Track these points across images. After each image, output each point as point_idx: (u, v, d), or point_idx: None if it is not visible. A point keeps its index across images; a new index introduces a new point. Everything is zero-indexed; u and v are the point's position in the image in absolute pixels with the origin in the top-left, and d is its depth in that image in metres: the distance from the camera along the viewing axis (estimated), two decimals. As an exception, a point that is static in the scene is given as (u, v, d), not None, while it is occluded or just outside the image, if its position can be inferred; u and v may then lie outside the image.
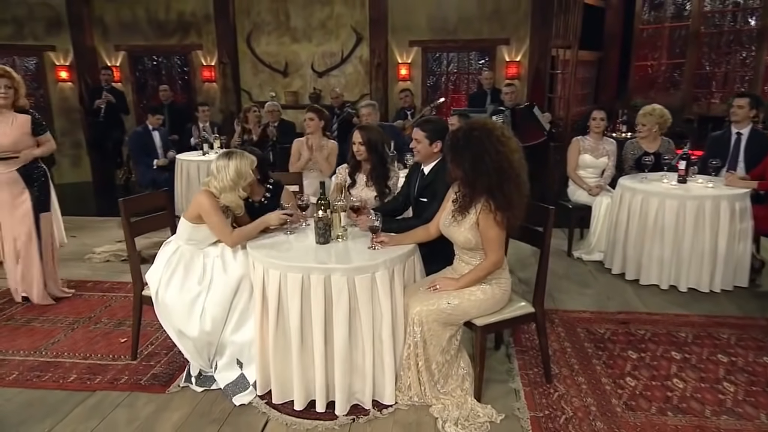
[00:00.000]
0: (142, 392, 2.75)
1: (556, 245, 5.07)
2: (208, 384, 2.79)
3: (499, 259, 2.49)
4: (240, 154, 2.84)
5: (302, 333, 2.48)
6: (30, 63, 8.61)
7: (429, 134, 2.93)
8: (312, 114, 4.63)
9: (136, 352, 3.08)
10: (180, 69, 8.97)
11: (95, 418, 2.55)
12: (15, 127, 3.62)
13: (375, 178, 3.31)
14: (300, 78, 8.42)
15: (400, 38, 8.13)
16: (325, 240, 2.70)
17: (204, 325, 2.67)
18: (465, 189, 2.49)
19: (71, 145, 8.84)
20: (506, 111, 6.10)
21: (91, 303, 3.90)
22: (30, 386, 2.81)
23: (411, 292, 2.60)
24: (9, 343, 3.28)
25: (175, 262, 2.79)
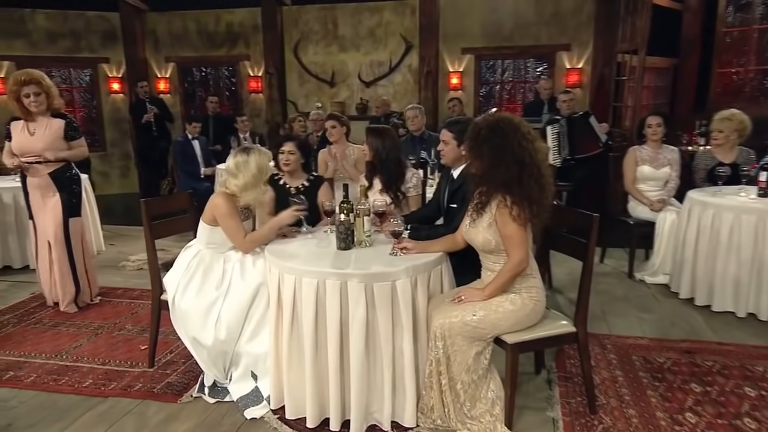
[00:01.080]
0: (154, 400, 2.77)
1: (617, 266, 4.82)
2: (221, 395, 2.78)
3: (521, 258, 2.37)
4: (257, 150, 2.87)
5: (316, 343, 2.42)
6: (85, 75, 9.19)
7: (457, 135, 2.85)
8: (333, 122, 4.65)
9: (153, 360, 3.12)
10: (228, 80, 9.31)
11: (103, 425, 2.58)
12: (48, 131, 3.80)
13: (389, 183, 3.25)
14: (347, 88, 8.53)
15: (452, 45, 8.10)
16: (347, 245, 2.65)
17: (219, 333, 2.66)
18: (482, 185, 2.40)
19: (120, 156, 9.32)
20: (562, 120, 5.90)
21: (119, 309, 4.01)
22: (45, 389, 2.90)
23: (435, 304, 2.49)
24: (33, 346, 3.41)
25: (195, 266, 2.81)
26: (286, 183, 3.45)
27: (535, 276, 2.48)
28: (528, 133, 2.37)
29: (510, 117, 2.44)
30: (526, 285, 2.45)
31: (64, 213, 3.90)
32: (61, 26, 8.73)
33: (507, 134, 2.33)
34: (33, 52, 8.60)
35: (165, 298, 2.91)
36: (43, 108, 3.77)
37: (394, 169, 3.27)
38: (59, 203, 3.88)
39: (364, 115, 8.21)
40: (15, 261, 4.94)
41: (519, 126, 2.37)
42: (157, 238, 3.08)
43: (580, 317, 2.54)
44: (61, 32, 8.74)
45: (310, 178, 3.46)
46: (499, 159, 2.32)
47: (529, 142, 2.35)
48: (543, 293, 2.50)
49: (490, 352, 2.46)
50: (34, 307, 4.06)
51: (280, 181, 3.45)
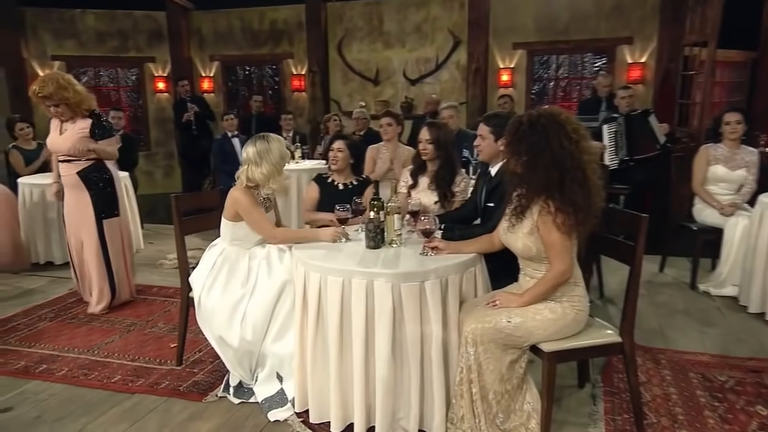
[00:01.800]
0: (179, 398, 2.84)
1: (679, 276, 4.63)
2: (246, 396, 2.82)
3: (565, 269, 2.28)
4: (275, 137, 2.93)
5: (341, 345, 2.42)
6: (132, 74, 9.60)
7: (495, 129, 2.81)
8: (390, 119, 4.66)
9: (181, 358, 3.20)
10: (271, 79, 9.51)
11: (127, 421, 2.66)
12: (74, 130, 3.90)
13: (438, 181, 3.23)
14: (391, 86, 8.56)
15: (503, 41, 8.01)
16: (376, 244, 2.64)
17: (245, 332, 2.71)
18: (521, 187, 2.33)
19: (164, 156, 9.67)
20: (620, 118, 5.71)
21: (153, 307, 4.14)
22: (75, 383, 3.02)
23: (468, 308, 2.44)
24: (68, 340, 3.56)
25: (220, 264, 2.86)
26: (335, 180, 3.53)
27: (579, 284, 2.39)
28: (574, 132, 2.26)
29: (554, 112, 2.32)
30: (569, 294, 2.36)
31: (95, 213, 3.98)
32: (110, 26, 9.15)
33: (547, 133, 2.23)
34: (82, 52, 9.06)
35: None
36: (68, 116, 3.86)
37: (453, 165, 3.30)
38: (89, 203, 3.97)
39: (409, 114, 8.21)
40: (57, 257, 5.19)
41: (564, 123, 2.26)
42: (187, 234, 3.17)
43: (626, 326, 2.43)
44: (109, 32, 9.16)
45: (359, 178, 3.55)
46: (537, 161, 2.23)
47: (572, 142, 2.24)
48: (586, 302, 2.41)
49: (525, 360, 2.39)
50: (71, 303, 4.25)
51: (329, 179, 3.51)
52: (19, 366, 3.22)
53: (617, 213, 2.56)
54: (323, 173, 3.61)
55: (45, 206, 5.12)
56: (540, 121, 2.25)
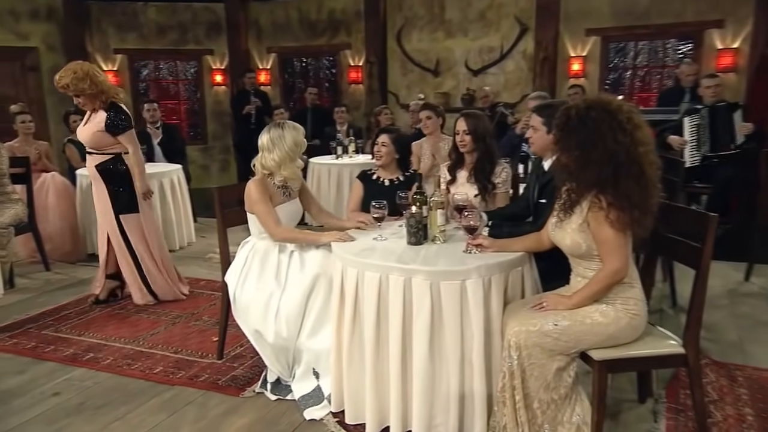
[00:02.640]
0: (217, 392, 2.96)
1: (766, 286, 4.36)
2: (283, 393, 2.90)
3: (620, 267, 2.21)
4: (291, 125, 3.00)
5: (378, 344, 2.45)
6: (191, 67, 9.99)
7: (548, 121, 2.75)
8: (428, 112, 4.67)
9: (222, 352, 3.32)
10: (327, 71, 9.67)
11: (165, 412, 2.79)
12: (92, 124, 3.99)
13: (477, 173, 3.21)
14: (452, 77, 8.50)
15: (575, 27, 7.79)
16: (417, 240, 2.65)
17: (279, 328, 2.79)
18: (571, 181, 2.27)
19: (221, 150, 10.01)
20: (703, 110, 5.44)
21: (199, 301, 4.31)
22: (119, 372, 3.20)
23: (513, 310, 2.41)
24: (115, 330, 3.78)
25: (251, 259, 2.98)
26: (380, 177, 3.55)
27: (635, 286, 2.31)
28: (628, 121, 2.18)
29: (604, 101, 2.25)
30: (623, 296, 2.29)
31: (113, 208, 4.06)
32: (170, 18, 9.56)
33: (599, 126, 2.17)
34: (143, 45, 9.51)
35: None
36: (90, 107, 3.98)
37: (486, 156, 3.27)
38: (108, 198, 4.06)
39: (470, 106, 8.11)
40: (108, 249, 5.48)
41: (615, 113, 2.19)
42: (229, 227, 3.28)
43: (689, 336, 2.33)
44: (169, 24, 9.56)
45: (406, 174, 3.55)
46: (588, 156, 2.18)
47: (627, 133, 2.17)
48: (644, 307, 2.33)
49: (575, 369, 2.33)
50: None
51: (374, 176, 3.55)
52: (68, 353, 3.44)
53: (682, 211, 2.45)
54: (368, 170, 3.63)
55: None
56: (590, 114, 2.19)
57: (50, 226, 5.30)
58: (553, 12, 7.74)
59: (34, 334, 3.73)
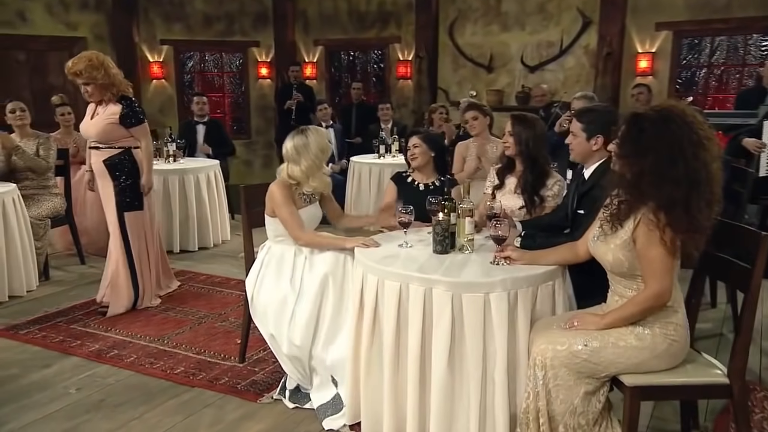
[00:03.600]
0: (235, 396, 3.06)
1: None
2: (301, 401, 2.97)
3: (663, 291, 2.16)
4: (313, 129, 3.05)
5: (397, 355, 2.48)
6: (236, 59, 10.26)
7: (588, 127, 2.72)
8: (474, 112, 4.65)
9: (244, 355, 3.43)
10: (376, 65, 9.75)
11: (182, 413, 2.91)
12: (103, 116, 4.04)
13: (524, 184, 3.18)
14: (507, 74, 8.44)
15: (643, 20, 7.60)
16: (443, 249, 2.67)
17: (292, 335, 2.87)
18: (631, 195, 2.22)
19: (264, 145, 10.24)
20: (788, 113, 5.22)
21: (227, 300, 4.45)
22: (140, 371, 3.34)
23: (541, 327, 2.40)
24: (141, 328, 3.94)
25: (267, 262, 3.08)
26: (415, 180, 3.57)
27: (678, 310, 2.26)
28: (705, 137, 2.13)
29: (682, 111, 2.17)
30: (663, 320, 2.24)
31: (118, 205, 4.10)
32: (217, 9, 9.85)
33: (680, 140, 2.11)
34: (189, 36, 9.83)
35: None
36: (96, 98, 4.04)
37: (536, 167, 3.23)
38: (112, 193, 4.09)
39: (525, 105, 8.03)
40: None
41: (695, 125, 2.13)
42: (256, 227, 3.37)
43: (735, 366, 2.25)
44: (216, 15, 9.85)
45: (441, 178, 3.52)
46: (664, 174, 2.10)
47: (705, 149, 2.12)
48: (685, 333, 2.27)
49: (605, 394, 2.30)
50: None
51: (408, 178, 3.58)
52: (93, 349, 3.62)
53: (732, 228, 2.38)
54: (403, 171, 3.65)
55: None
56: (670, 125, 2.12)
57: (87, 219, 5.56)
58: (619, 4, 7.58)
59: (63, 327, 3.94)
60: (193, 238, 5.80)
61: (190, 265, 5.35)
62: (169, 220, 5.65)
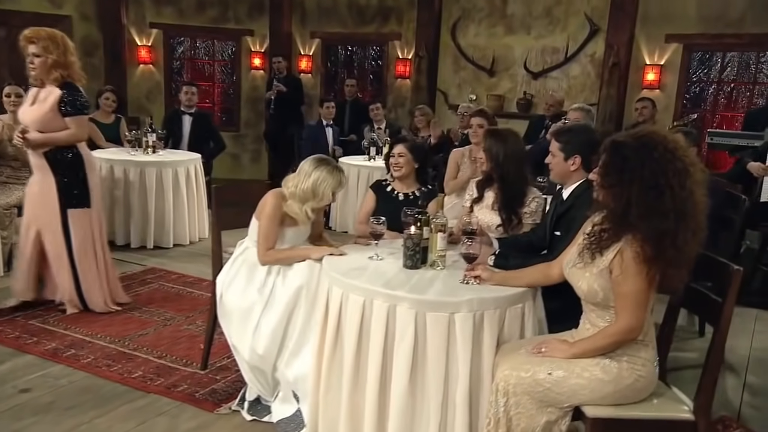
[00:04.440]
0: (192, 405, 3.08)
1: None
2: (260, 414, 3.00)
3: (635, 326, 2.20)
4: (330, 169, 3.00)
5: (357, 373, 2.51)
6: (228, 47, 10.29)
7: (565, 146, 2.77)
8: (481, 119, 4.67)
9: (206, 361, 3.45)
10: (374, 62, 9.79)
11: (134, 420, 2.93)
12: (42, 103, 3.86)
13: (501, 202, 3.22)
14: (509, 79, 8.48)
15: (653, 31, 7.65)
16: (413, 264, 2.70)
17: (256, 344, 2.89)
18: (613, 224, 2.24)
19: (253, 139, 10.26)
20: (795, 137, 5.26)
21: (198, 302, 4.48)
22: (96, 373, 3.36)
23: (507, 351, 2.43)
24: (103, 327, 3.96)
25: (240, 264, 3.09)
26: (395, 189, 3.59)
27: (648, 345, 2.29)
28: (691, 164, 2.15)
29: (663, 138, 2.18)
30: (630, 353, 2.27)
31: (60, 201, 3.95)
32: (212, -7, 9.87)
33: (665, 167, 2.11)
34: (181, 21, 9.85)
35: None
36: (39, 74, 3.83)
37: (513, 185, 3.24)
38: (54, 188, 3.94)
39: (526, 113, 8.10)
40: (119, 237, 5.72)
41: (675, 151, 2.14)
42: (226, 229, 3.40)
43: (701, 402, 2.28)
44: (209, 0, 9.87)
45: (422, 188, 3.56)
46: (653, 204, 2.11)
47: (690, 176, 2.13)
48: (653, 369, 2.30)
49: (566, 424, 2.32)
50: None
51: (388, 187, 3.61)
52: (49, 347, 3.64)
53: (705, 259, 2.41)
54: (383, 180, 3.67)
55: (112, 182, 5.65)
56: (653, 154, 2.12)
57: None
58: (629, 13, 7.62)
59: (20, 323, 3.96)
60: (168, 234, 5.82)
61: (162, 263, 5.38)
62: (144, 215, 5.69)
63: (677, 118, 7.34)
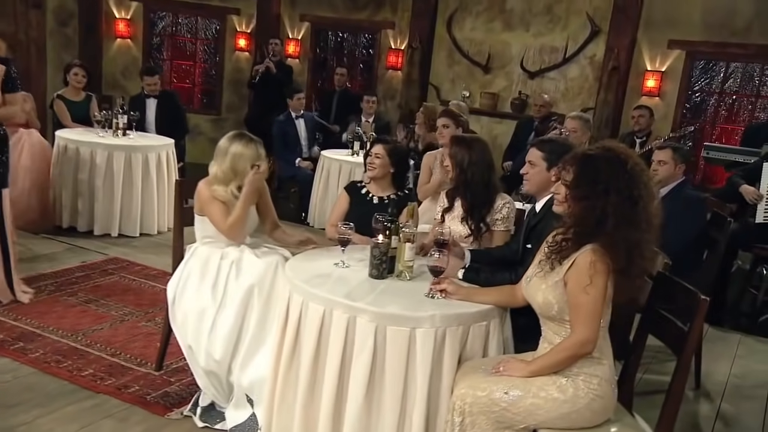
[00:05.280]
0: (142, 408, 3.10)
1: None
2: (213, 420, 3.03)
3: (588, 338, 2.25)
4: (246, 142, 3.11)
5: (313, 382, 2.53)
6: (212, 25, 10.23)
7: (549, 156, 2.81)
8: (446, 119, 4.68)
9: (161, 362, 3.47)
10: (364, 50, 9.79)
11: (79, 422, 2.95)
12: None
13: (467, 211, 3.25)
14: (504, 77, 8.52)
15: (656, 36, 7.71)
16: (379, 274, 2.73)
17: (212, 348, 2.91)
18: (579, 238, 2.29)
19: (234, 124, 10.18)
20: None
21: (159, 297, 4.45)
22: (44, 369, 3.37)
23: (467, 370, 2.46)
24: (56, 319, 3.97)
25: (191, 265, 3.13)
26: (370, 192, 3.62)
27: (604, 363, 2.34)
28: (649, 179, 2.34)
29: (626, 150, 2.35)
30: (586, 371, 2.31)
31: None
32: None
33: (637, 179, 2.25)
34: (163, -6, 9.82)
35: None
36: None
37: (480, 193, 3.27)
38: None
39: (520, 114, 8.15)
40: (81, 224, 5.73)
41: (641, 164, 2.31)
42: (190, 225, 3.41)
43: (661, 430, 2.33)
44: (197, -28, 9.83)
45: (399, 193, 3.60)
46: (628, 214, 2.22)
47: (647, 187, 2.29)
48: (611, 389, 2.35)
49: (524, 446, 2.37)
50: (77, 277, 4.71)
51: (363, 189, 3.64)
52: (-5, 339, 3.64)
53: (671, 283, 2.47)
54: (358, 181, 3.70)
55: (78, 165, 5.66)
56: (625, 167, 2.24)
57: (17, 189, 5.51)
58: (631, 16, 7.67)
59: (-32, 311, 3.96)
60: (134, 222, 5.84)
61: (126, 253, 5.39)
62: (109, 201, 5.70)
63: (675, 128, 7.41)
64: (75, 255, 5.20)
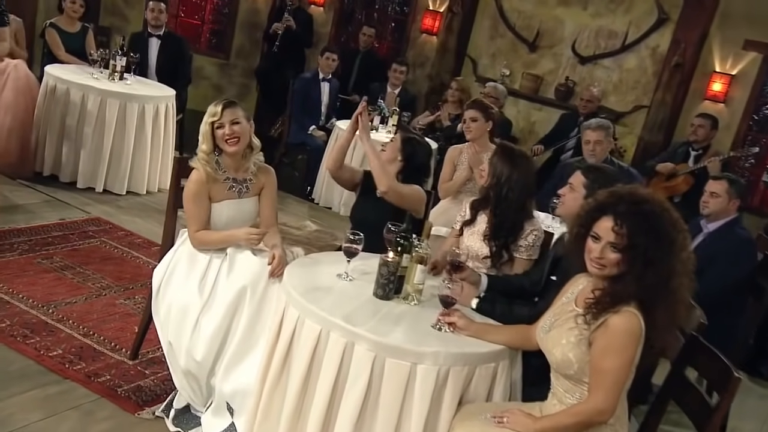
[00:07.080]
0: (111, 401, 3.20)
1: None
2: (186, 425, 3.12)
3: (606, 408, 2.29)
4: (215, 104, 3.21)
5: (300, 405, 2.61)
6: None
7: (592, 185, 2.85)
8: (475, 111, 4.66)
9: (137, 351, 3.57)
10: (398, 7, 9.70)
11: (41, 412, 3.04)
12: None
13: (492, 230, 3.26)
14: (552, 58, 8.45)
15: (731, 33, 7.58)
16: (385, 294, 2.78)
17: (194, 348, 2.99)
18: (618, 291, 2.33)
19: (243, 72, 10.25)
20: None
21: (142, 271, 4.58)
22: (9, 344, 3.46)
23: (467, 414, 2.53)
24: (27, 285, 4.06)
25: (180, 254, 3.21)
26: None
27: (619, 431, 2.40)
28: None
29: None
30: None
31: None
32: None
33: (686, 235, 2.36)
34: None
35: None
36: None
37: (510, 215, 3.27)
38: None
39: (564, 102, 8.10)
40: (65, 173, 5.81)
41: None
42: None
43: None
44: None
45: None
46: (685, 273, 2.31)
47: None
48: None
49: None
50: (54, 237, 4.80)
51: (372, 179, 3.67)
52: (-44, 303, 3.75)
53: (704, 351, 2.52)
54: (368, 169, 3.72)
55: (66, 108, 5.71)
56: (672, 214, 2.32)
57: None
58: (707, 6, 7.54)
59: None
60: (122, 179, 5.93)
61: (109, 213, 5.48)
62: (97, 152, 5.77)
63: (737, 140, 7.36)
64: (54, 210, 5.28)
